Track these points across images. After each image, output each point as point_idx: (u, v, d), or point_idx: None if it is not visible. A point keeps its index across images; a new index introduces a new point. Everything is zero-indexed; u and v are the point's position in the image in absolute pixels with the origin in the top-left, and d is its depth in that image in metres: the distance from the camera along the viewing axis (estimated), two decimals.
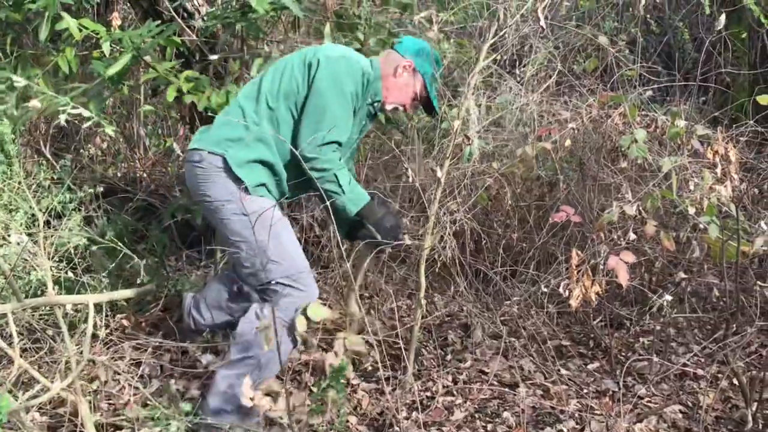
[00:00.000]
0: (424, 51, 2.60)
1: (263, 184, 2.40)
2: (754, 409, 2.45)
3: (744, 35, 5.07)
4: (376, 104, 2.57)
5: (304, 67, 2.40)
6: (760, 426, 2.42)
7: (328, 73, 2.36)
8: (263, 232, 2.24)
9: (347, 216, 2.48)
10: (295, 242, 2.43)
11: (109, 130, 2.14)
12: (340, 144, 2.40)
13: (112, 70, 2.90)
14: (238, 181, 2.34)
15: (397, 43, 2.64)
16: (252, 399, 1.96)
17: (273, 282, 2.32)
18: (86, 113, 1.53)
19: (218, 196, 2.36)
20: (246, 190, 2.34)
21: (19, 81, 1.52)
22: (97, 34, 2.93)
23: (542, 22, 2.36)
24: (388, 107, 2.61)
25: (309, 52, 2.45)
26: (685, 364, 2.81)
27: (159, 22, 3.08)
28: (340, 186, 2.38)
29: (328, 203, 2.32)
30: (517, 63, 3.75)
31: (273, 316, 2.08)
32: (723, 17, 2.78)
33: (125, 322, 3.01)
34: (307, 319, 2.32)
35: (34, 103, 1.57)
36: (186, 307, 2.74)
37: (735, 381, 2.65)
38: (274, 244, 2.28)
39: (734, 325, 2.72)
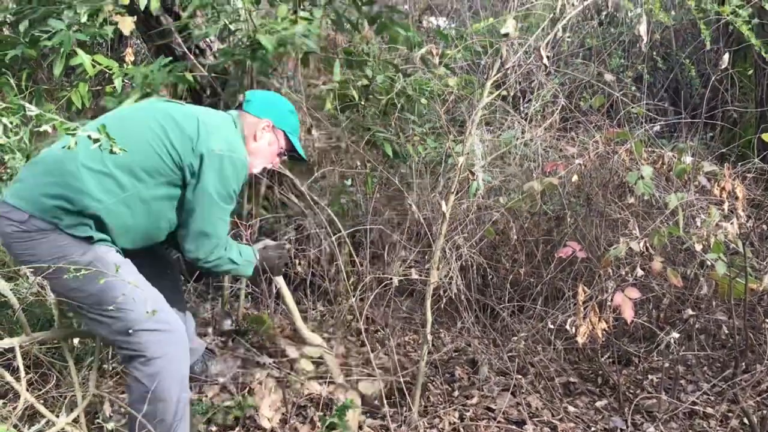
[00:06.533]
0: (277, 104, 2.47)
1: (103, 239, 2.15)
2: None
3: (750, 72, 5.10)
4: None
5: (175, 151, 2.15)
6: None
7: (215, 173, 2.17)
8: (107, 282, 2.02)
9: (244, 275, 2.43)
10: (143, 281, 2.15)
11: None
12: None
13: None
14: (70, 236, 2.08)
15: (246, 103, 2.42)
16: None
17: (133, 331, 2.08)
18: (95, 135, 1.54)
19: (47, 255, 2.06)
20: (81, 241, 2.10)
21: (33, 110, 1.55)
22: (110, 69, 2.98)
23: (545, 60, 2.39)
24: (256, 171, 2.47)
25: (182, 129, 2.18)
26: (694, 402, 2.78)
27: (171, 58, 3.13)
28: (234, 262, 2.34)
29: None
30: (521, 100, 3.78)
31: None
32: (726, 56, 2.81)
33: None
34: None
35: (45, 128, 1.59)
36: None
37: (745, 420, 2.62)
38: (121, 292, 2.06)
39: (744, 363, 2.69)
